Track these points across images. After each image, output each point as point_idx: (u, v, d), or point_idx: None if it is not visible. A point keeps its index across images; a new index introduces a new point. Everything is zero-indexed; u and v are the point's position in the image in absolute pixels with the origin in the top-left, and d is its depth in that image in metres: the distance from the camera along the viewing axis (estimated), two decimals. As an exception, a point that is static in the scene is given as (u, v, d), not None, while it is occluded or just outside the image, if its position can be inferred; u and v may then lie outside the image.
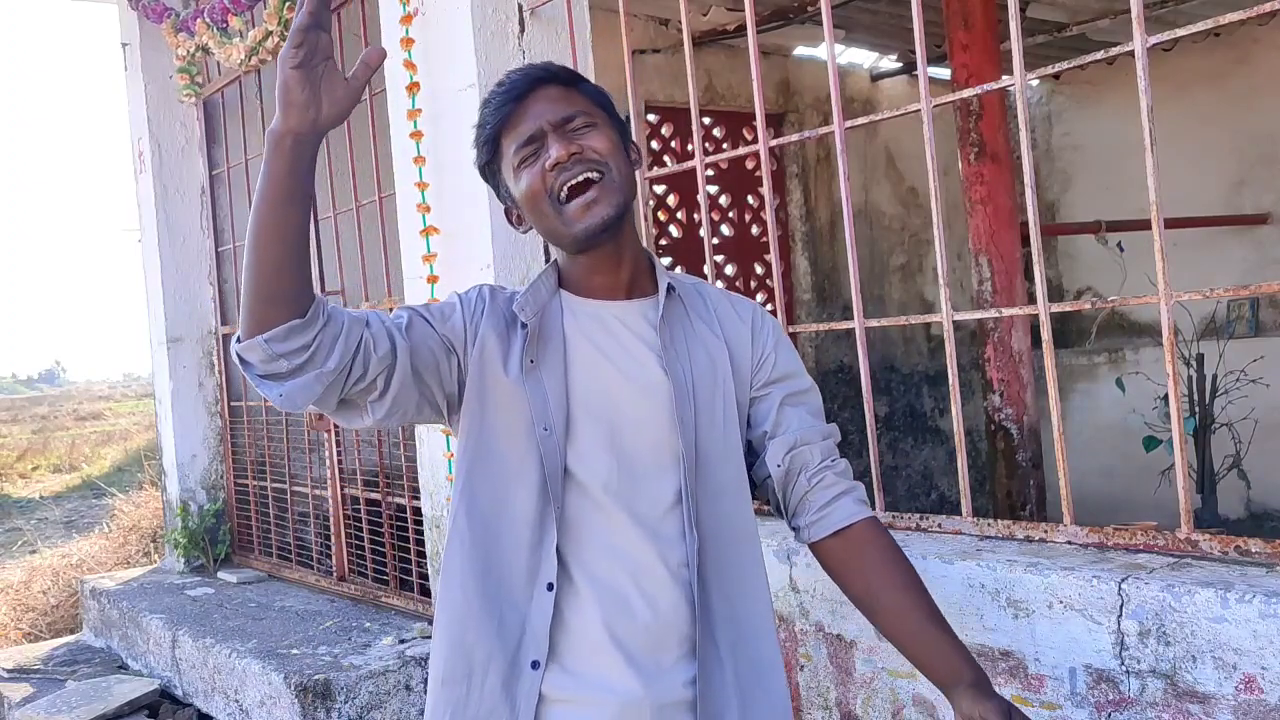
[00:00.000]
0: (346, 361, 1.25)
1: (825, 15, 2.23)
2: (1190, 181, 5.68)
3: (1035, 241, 1.99)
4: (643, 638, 1.33)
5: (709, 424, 1.40)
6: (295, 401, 1.25)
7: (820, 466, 1.46)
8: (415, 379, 1.33)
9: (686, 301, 1.46)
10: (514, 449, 1.35)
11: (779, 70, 5.73)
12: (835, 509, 1.45)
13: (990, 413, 3.73)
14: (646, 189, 2.90)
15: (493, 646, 1.32)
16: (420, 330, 1.35)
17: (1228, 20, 1.70)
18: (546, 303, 1.40)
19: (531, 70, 1.40)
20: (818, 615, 2.14)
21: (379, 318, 1.33)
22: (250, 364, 1.23)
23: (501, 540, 1.35)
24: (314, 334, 1.22)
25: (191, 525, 4.78)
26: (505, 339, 1.38)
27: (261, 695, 3.18)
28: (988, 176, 3.66)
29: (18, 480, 12.64)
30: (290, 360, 1.22)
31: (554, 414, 1.34)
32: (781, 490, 1.48)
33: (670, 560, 1.35)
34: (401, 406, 1.33)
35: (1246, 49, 5.81)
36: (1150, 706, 1.64)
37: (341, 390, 1.28)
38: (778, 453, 1.47)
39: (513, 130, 1.37)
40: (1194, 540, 1.78)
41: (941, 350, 3.07)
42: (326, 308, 1.25)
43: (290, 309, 1.20)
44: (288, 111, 1.16)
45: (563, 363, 1.37)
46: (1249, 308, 5.86)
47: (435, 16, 2.90)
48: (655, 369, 1.39)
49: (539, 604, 1.32)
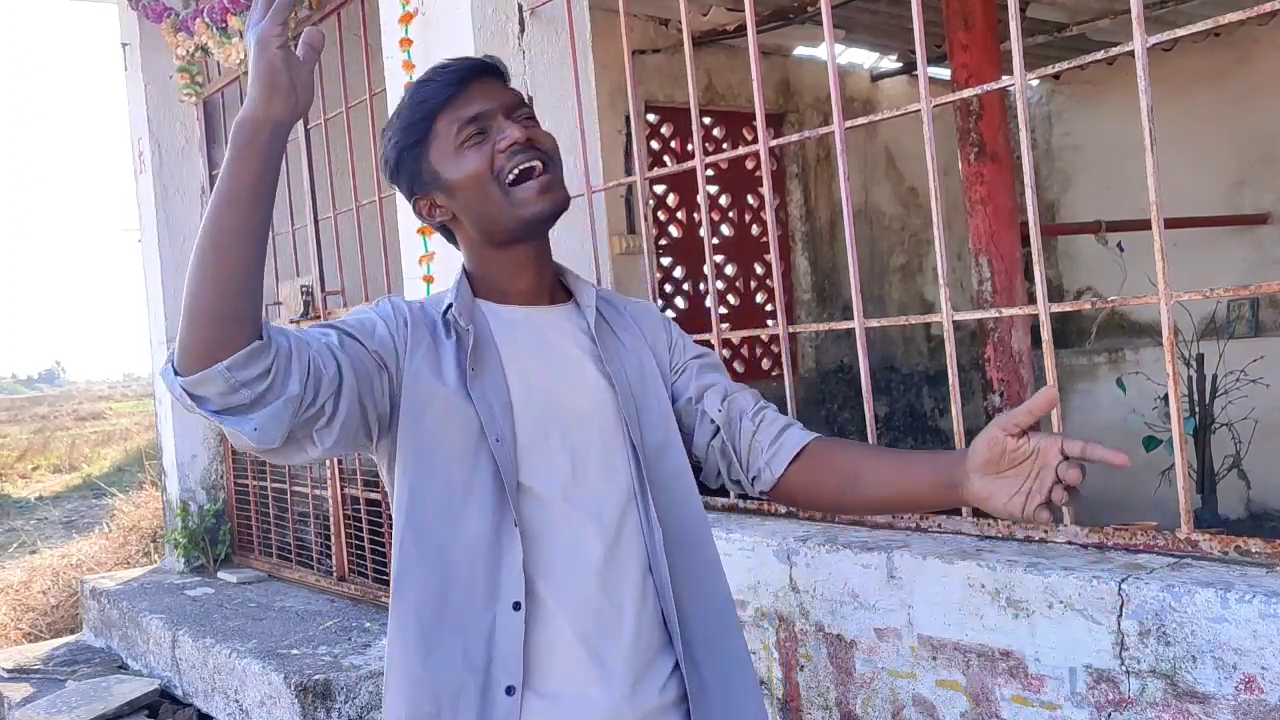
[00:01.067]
0: (303, 384, 1.12)
1: (825, 15, 2.23)
2: (1190, 181, 5.68)
3: (1035, 241, 1.99)
4: (619, 647, 1.27)
5: (650, 423, 1.37)
6: (270, 435, 1.11)
7: (758, 408, 1.43)
8: (359, 401, 1.22)
9: (608, 316, 1.42)
10: (461, 464, 1.26)
11: (779, 70, 5.73)
12: (786, 438, 1.40)
13: (990, 413, 3.73)
14: (646, 189, 2.90)
15: (461, 677, 1.22)
16: (353, 347, 1.23)
17: (1228, 20, 1.70)
18: (473, 310, 1.33)
19: (473, 60, 1.35)
20: (818, 615, 2.14)
21: (314, 335, 1.20)
22: (204, 398, 1.08)
23: (457, 563, 1.25)
24: (273, 357, 1.09)
25: (191, 525, 4.78)
26: (434, 350, 1.30)
27: (261, 695, 3.18)
28: (988, 176, 3.66)
29: (18, 480, 12.65)
30: (253, 389, 1.08)
31: (501, 423, 1.27)
32: (729, 440, 1.42)
33: (635, 560, 1.30)
34: (347, 433, 1.21)
35: (1246, 49, 5.81)
36: (1150, 706, 1.64)
37: (291, 420, 1.13)
38: (714, 401, 1.43)
39: (455, 110, 1.30)
40: (1194, 540, 1.78)
41: (941, 350, 3.07)
42: (269, 326, 1.12)
43: (252, 329, 1.07)
44: (271, 97, 1.05)
45: (500, 370, 1.30)
46: (1249, 308, 5.86)
47: (435, 16, 2.90)
48: (594, 372, 1.35)
49: (506, 625, 1.23)
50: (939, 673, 1.93)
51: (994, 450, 1.16)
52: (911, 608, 1.97)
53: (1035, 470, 1.14)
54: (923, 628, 1.95)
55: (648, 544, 1.32)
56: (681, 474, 1.39)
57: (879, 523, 2.25)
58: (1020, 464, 1.15)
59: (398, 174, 1.37)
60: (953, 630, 1.90)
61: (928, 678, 1.95)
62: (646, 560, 1.32)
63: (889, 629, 2.01)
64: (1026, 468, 1.15)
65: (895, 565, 2.00)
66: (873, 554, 2.04)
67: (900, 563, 1.99)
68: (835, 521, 2.34)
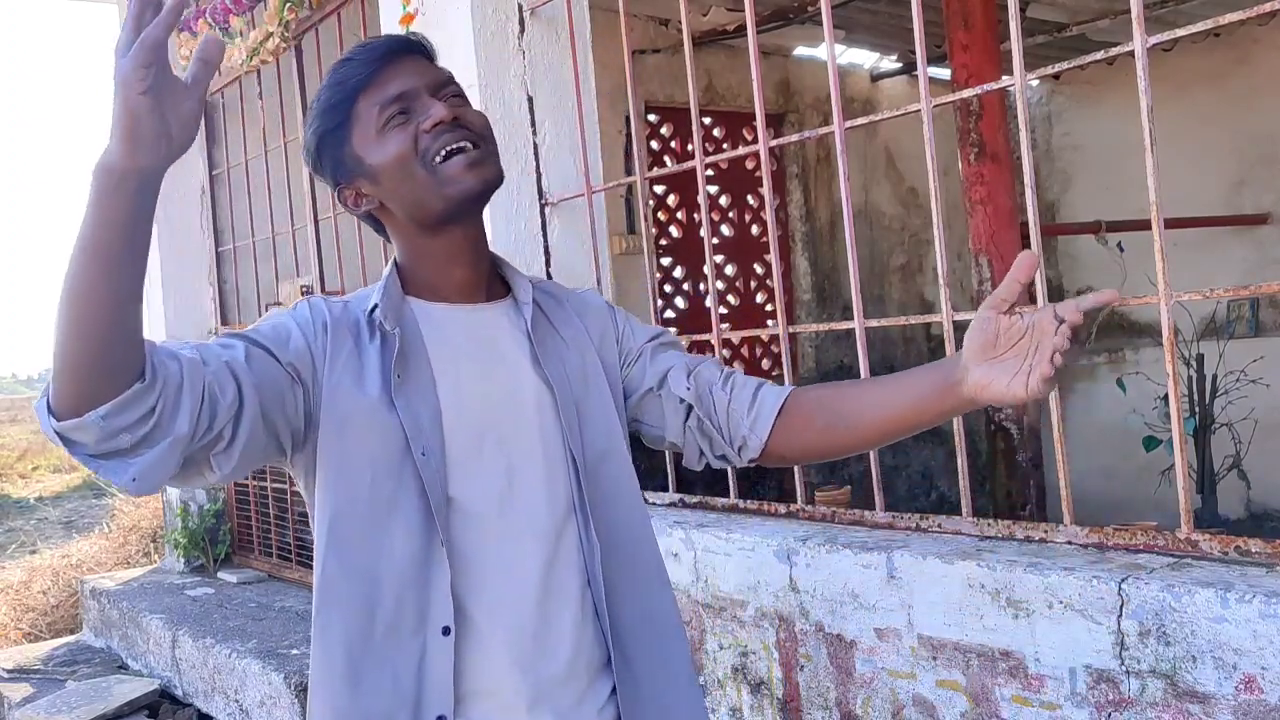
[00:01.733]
0: (195, 418, 1.02)
1: (825, 15, 2.23)
2: (1190, 181, 5.68)
3: (1035, 241, 1.99)
4: (554, 670, 1.20)
5: (592, 428, 1.29)
6: (152, 482, 1.01)
7: (725, 375, 1.34)
8: (264, 420, 1.12)
9: (544, 303, 1.33)
10: (386, 480, 1.17)
11: (779, 70, 5.73)
12: (763, 397, 1.31)
13: (990, 413, 3.73)
14: (646, 189, 2.90)
15: (387, 709, 1.14)
16: (261, 363, 1.13)
17: (1228, 20, 1.70)
18: (400, 310, 1.23)
19: (395, 37, 1.26)
20: (818, 615, 2.14)
21: (212, 353, 1.10)
22: (79, 445, 0.98)
23: (383, 585, 1.16)
24: (156, 395, 0.98)
25: (191, 525, 4.78)
26: (356, 357, 1.19)
27: (261, 695, 3.18)
28: (988, 176, 3.66)
29: (17, 480, 12.64)
30: (133, 432, 0.98)
31: (429, 434, 1.17)
32: (704, 416, 1.33)
33: (574, 577, 1.23)
34: (250, 455, 1.11)
35: (1246, 49, 5.81)
36: (1150, 707, 1.64)
37: (181, 455, 1.03)
38: (680, 381, 1.34)
39: (376, 90, 1.21)
40: (1194, 540, 1.78)
41: (941, 350, 3.07)
42: (159, 357, 1.01)
43: (125, 376, 0.96)
44: (135, 146, 0.90)
45: (430, 376, 1.20)
46: (1249, 308, 5.86)
47: (435, 16, 2.90)
48: (530, 374, 1.26)
49: (436, 651, 1.15)
50: (939, 673, 1.93)
51: (987, 333, 1.10)
52: (911, 608, 1.97)
53: (1033, 346, 1.07)
54: (923, 628, 1.95)
55: (586, 559, 1.25)
56: (622, 481, 1.31)
57: (879, 522, 2.25)
58: (1017, 343, 1.08)
59: (320, 162, 1.28)
60: (953, 630, 1.90)
61: (928, 678, 1.95)
62: (585, 576, 1.25)
63: (889, 629, 2.01)
64: (1024, 346, 1.08)
65: (895, 565, 2.00)
66: (873, 554, 2.04)
67: (900, 563, 1.99)
68: (835, 521, 2.34)
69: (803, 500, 2.45)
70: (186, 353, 1.06)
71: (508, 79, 2.83)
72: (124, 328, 0.95)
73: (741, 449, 1.32)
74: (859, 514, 2.31)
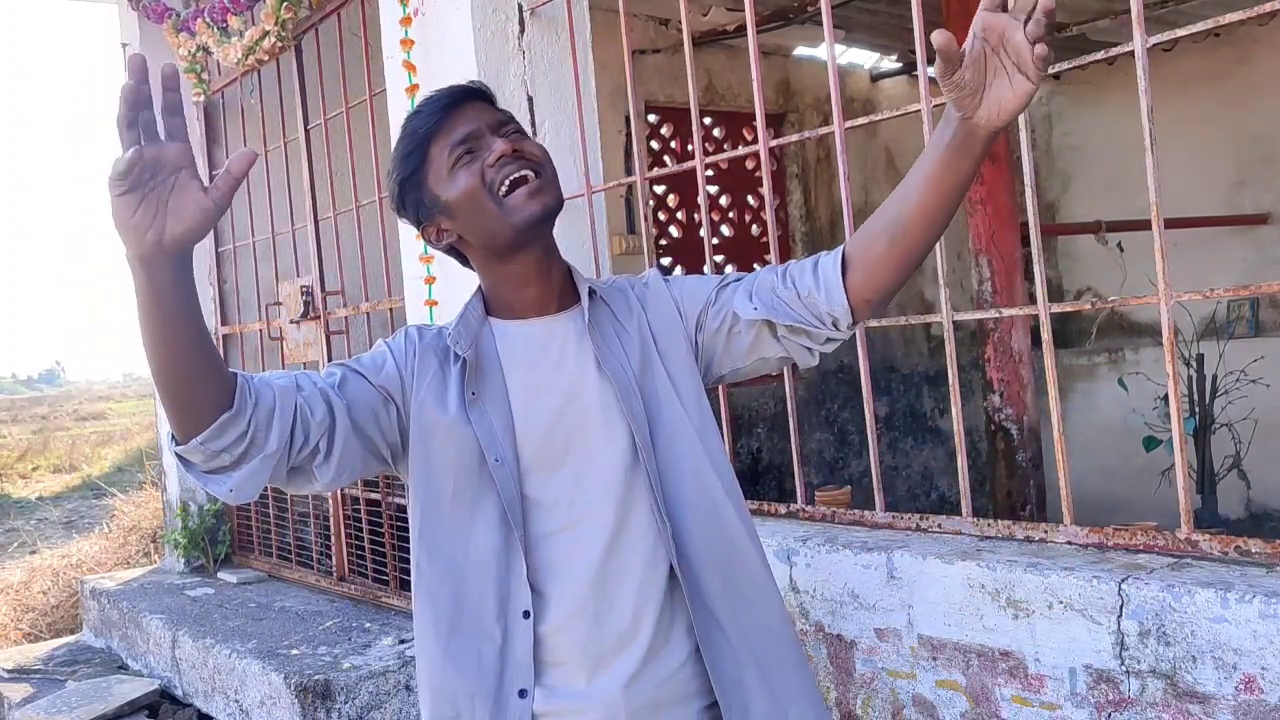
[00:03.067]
0: (287, 437, 1.23)
1: (825, 15, 2.23)
2: (1190, 181, 5.68)
3: (1035, 241, 1.99)
4: (611, 638, 1.32)
5: (656, 407, 1.38)
6: (247, 493, 1.22)
7: (782, 272, 1.40)
8: (357, 435, 1.31)
9: (610, 302, 1.45)
10: (467, 486, 1.34)
11: (779, 70, 5.73)
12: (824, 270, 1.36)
13: (990, 413, 3.74)
14: (646, 189, 2.91)
15: (475, 685, 1.31)
16: (355, 386, 1.33)
17: (1228, 20, 1.70)
18: (478, 332, 1.39)
19: (457, 87, 1.40)
20: (818, 615, 2.14)
21: (310, 380, 1.30)
22: (193, 464, 1.20)
23: (468, 578, 1.34)
24: (247, 420, 1.18)
25: (191, 525, 4.78)
26: (440, 378, 1.37)
27: (261, 695, 3.18)
28: (988, 176, 3.66)
29: (18, 480, 12.64)
30: (231, 452, 1.19)
31: (503, 443, 1.33)
32: (786, 322, 1.38)
33: (638, 553, 1.34)
34: (349, 465, 1.31)
35: (1246, 49, 5.81)
36: (1150, 707, 1.64)
37: (288, 463, 1.25)
38: (745, 305, 1.39)
39: (445, 135, 1.36)
40: (1194, 540, 1.78)
41: (941, 350, 3.07)
42: (252, 386, 1.21)
43: (213, 410, 1.16)
44: (124, 236, 1.04)
45: (504, 390, 1.36)
46: (1249, 308, 5.86)
47: (435, 17, 2.90)
48: (594, 374, 1.38)
49: (517, 633, 1.32)
50: (939, 673, 1.93)
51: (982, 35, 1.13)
52: (911, 608, 1.97)
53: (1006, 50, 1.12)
54: (923, 628, 1.95)
55: (659, 535, 1.35)
56: (693, 458, 1.39)
57: (879, 522, 2.25)
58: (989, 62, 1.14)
59: (403, 206, 1.42)
60: (953, 630, 1.90)
61: (928, 678, 1.95)
62: (661, 550, 1.35)
63: (889, 629, 2.01)
64: (994, 63, 1.14)
65: (895, 565, 2.00)
66: (873, 554, 2.04)
67: (900, 563, 1.99)
68: (835, 521, 2.34)
69: (803, 500, 2.45)
70: (280, 381, 1.25)
71: (508, 79, 2.83)
72: (194, 376, 1.14)
73: (835, 323, 1.38)
74: (859, 514, 2.31)
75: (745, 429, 5.25)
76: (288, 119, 4.17)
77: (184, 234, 1.05)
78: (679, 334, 1.44)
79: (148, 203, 1.03)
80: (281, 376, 1.27)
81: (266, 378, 1.25)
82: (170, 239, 1.04)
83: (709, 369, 1.47)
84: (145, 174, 1.02)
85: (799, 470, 2.46)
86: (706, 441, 1.40)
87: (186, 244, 1.06)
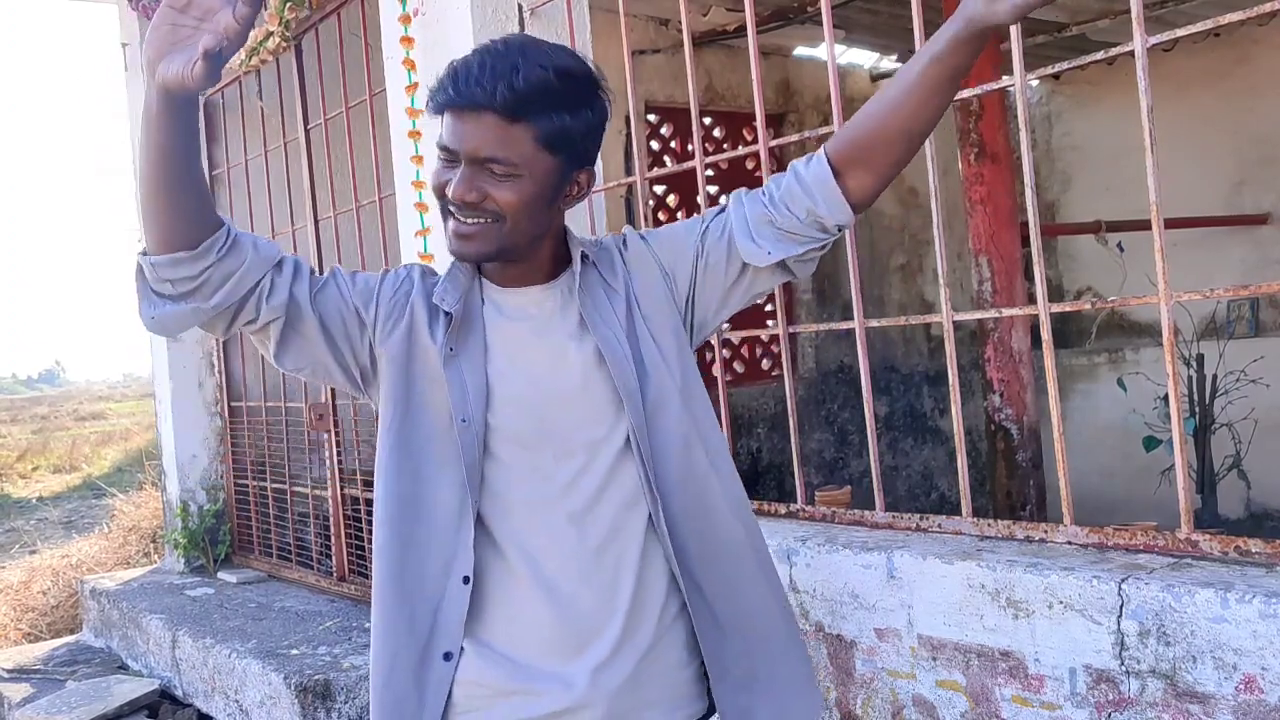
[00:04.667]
0: (232, 303, 1.26)
1: (825, 15, 2.23)
2: (1190, 181, 5.68)
3: (1035, 241, 1.99)
4: (590, 604, 1.30)
5: (645, 374, 1.35)
6: (166, 327, 1.27)
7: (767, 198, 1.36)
8: (325, 338, 1.33)
9: (599, 264, 1.40)
10: (439, 437, 1.33)
11: (779, 70, 5.73)
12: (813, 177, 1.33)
13: (990, 413, 3.73)
14: (646, 189, 2.91)
15: (402, 638, 1.32)
16: (334, 293, 1.34)
17: (1228, 20, 1.70)
18: (467, 290, 1.36)
19: (483, 85, 1.24)
20: (818, 615, 2.14)
21: (295, 266, 1.32)
22: (144, 276, 1.25)
23: (422, 526, 1.33)
24: (203, 268, 1.22)
25: (191, 525, 4.78)
26: (426, 327, 1.35)
27: (261, 695, 3.18)
28: (988, 176, 3.66)
29: (18, 480, 12.64)
30: (176, 286, 1.23)
31: (473, 404, 1.31)
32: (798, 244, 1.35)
33: (625, 535, 1.32)
34: (305, 360, 1.34)
35: (1246, 49, 5.81)
36: (1150, 707, 1.64)
37: (229, 325, 1.29)
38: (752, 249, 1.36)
39: (442, 125, 1.30)
40: (1194, 540, 1.78)
41: (941, 350, 3.07)
42: (230, 243, 1.24)
43: (178, 243, 1.21)
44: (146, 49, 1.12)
45: (483, 352, 1.34)
46: (1249, 308, 5.86)
47: (435, 16, 2.90)
48: (579, 340, 1.35)
49: (453, 597, 1.31)
50: (939, 673, 1.93)
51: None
52: (911, 608, 1.97)
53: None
54: (923, 628, 1.95)
55: (649, 502, 1.33)
56: (682, 422, 1.36)
57: (879, 523, 2.25)
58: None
59: None
60: (953, 630, 1.90)
61: (928, 678, 1.95)
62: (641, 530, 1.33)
63: (889, 629, 2.01)
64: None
65: (895, 565, 2.00)
66: (873, 554, 2.04)
67: (900, 563, 1.99)
68: (835, 521, 2.34)
69: (803, 500, 2.45)
70: (266, 251, 1.28)
71: (508, 79, 2.83)
72: (173, 202, 1.19)
73: (839, 228, 1.36)
74: (859, 514, 2.31)
75: (745, 429, 5.24)
76: (288, 119, 4.17)
77: (166, 78, 1.10)
78: (663, 296, 1.40)
79: (165, 31, 1.10)
80: (269, 248, 1.30)
81: (257, 243, 1.29)
82: (159, 76, 1.11)
83: (704, 322, 1.43)
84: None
85: (799, 470, 2.46)
86: (693, 409, 1.37)
87: (169, 88, 1.11)
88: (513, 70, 1.24)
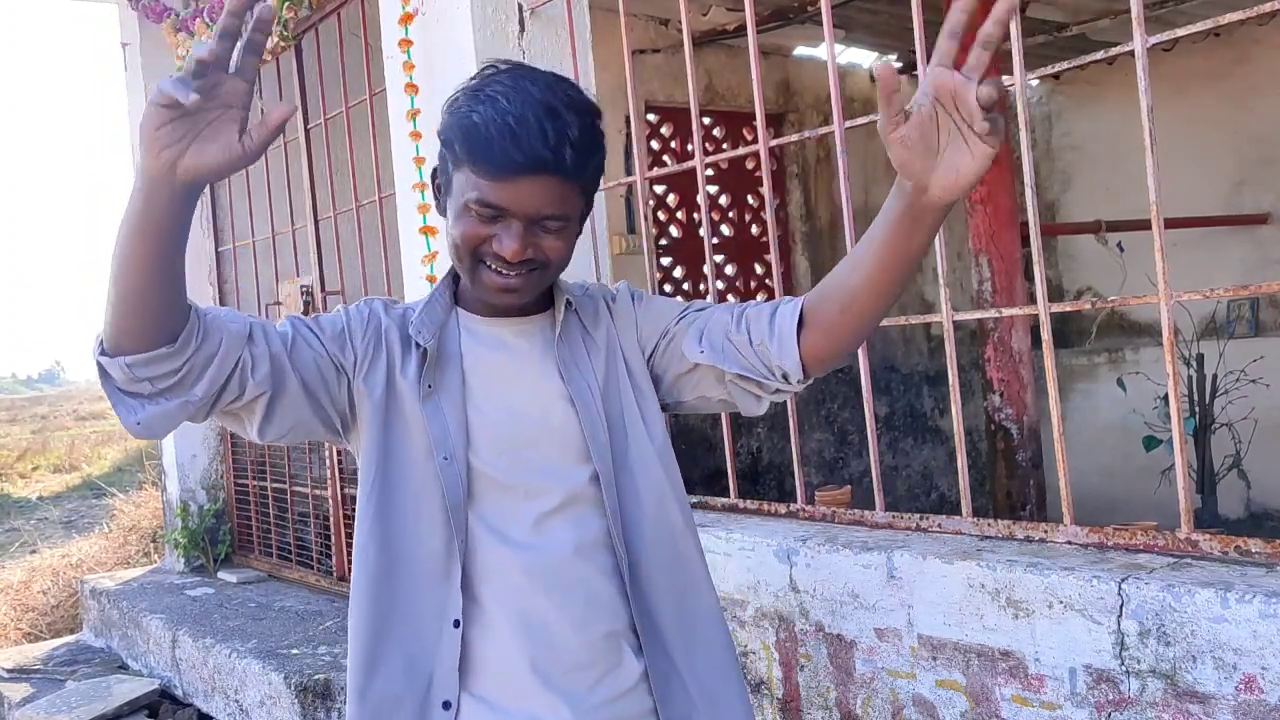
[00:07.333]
0: (217, 388, 1.16)
1: (825, 15, 2.23)
2: (1190, 181, 5.68)
3: (1035, 241, 1.99)
4: (566, 654, 1.28)
5: (621, 431, 1.34)
6: (154, 430, 1.15)
7: (737, 315, 1.32)
8: (307, 396, 1.25)
9: (581, 312, 1.38)
10: (419, 477, 1.28)
11: (779, 70, 5.73)
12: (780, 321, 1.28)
13: (990, 413, 3.73)
14: (646, 189, 2.91)
15: (402, 690, 1.27)
16: (305, 348, 1.26)
17: (1228, 20, 1.70)
18: (444, 322, 1.33)
19: (549, 149, 1.18)
20: (818, 615, 2.14)
21: (264, 332, 1.22)
22: (111, 378, 1.12)
23: (412, 573, 1.28)
24: (184, 360, 1.12)
25: (191, 525, 4.78)
26: (400, 362, 1.30)
27: (261, 695, 3.18)
28: (987, 176, 3.62)
29: (17, 480, 12.64)
30: (155, 384, 1.12)
31: (454, 441, 1.27)
32: (735, 368, 1.31)
33: (595, 573, 1.30)
34: (289, 424, 1.25)
35: (1246, 49, 5.81)
36: (1150, 707, 1.64)
37: (210, 410, 1.19)
38: (693, 347, 1.33)
39: (489, 184, 1.20)
40: (1194, 540, 1.78)
41: (941, 350, 3.07)
42: (203, 326, 1.14)
43: (155, 340, 1.10)
44: (144, 145, 1.01)
45: (461, 386, 1.30)
46: (1249, 308, 5.86)
47: (435, 16, 2.90)
48: (558, 385, 1.33)
49: (447, 642, 1.27)
50: (939, 673, 1.93)
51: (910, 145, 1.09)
52: (911, 608, 1.97)
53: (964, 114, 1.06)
54: (923, 628, 1.95)
55: (617, 557, 1.31)
56: (649, 478, 1.35)
57: (879, 522, 2.25)
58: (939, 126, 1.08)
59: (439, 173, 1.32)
60: (953, 630, 1.90)
61: (928, 678, 1.95)
62: (616, 574, 1.31)
63: (889, 629, 2.01)
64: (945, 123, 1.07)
65: (895, 565, 2.00)
66: (873, 554, 2.04)
67: (900, 563, 1.99)
68: (835, 521, 2.34)
69: (803, 500, 2.45)
70: (234, 326, 1.18)
71: (508, 79, 2.83)
72: (154, 299, 1.07)
73: (785, 376, 1.30)
74: (859, 514, 2.31)
75: (745, 429, 5.25)
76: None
77: (200, 169, 1.01)
78: (637, 355, 1.39)
79: (181, 123, 1.00)
80: (236, 321, 1.20)
81: (222, 319, 1.18)
82: (184, 168, 1.01)
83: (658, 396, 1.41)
84: (205, 94, 0.99)
85: (799, 470, 2.46)
86: (668, 469, 1.36)
87: (199, 179, 1.02)
88: (567, 128, 1.20)
